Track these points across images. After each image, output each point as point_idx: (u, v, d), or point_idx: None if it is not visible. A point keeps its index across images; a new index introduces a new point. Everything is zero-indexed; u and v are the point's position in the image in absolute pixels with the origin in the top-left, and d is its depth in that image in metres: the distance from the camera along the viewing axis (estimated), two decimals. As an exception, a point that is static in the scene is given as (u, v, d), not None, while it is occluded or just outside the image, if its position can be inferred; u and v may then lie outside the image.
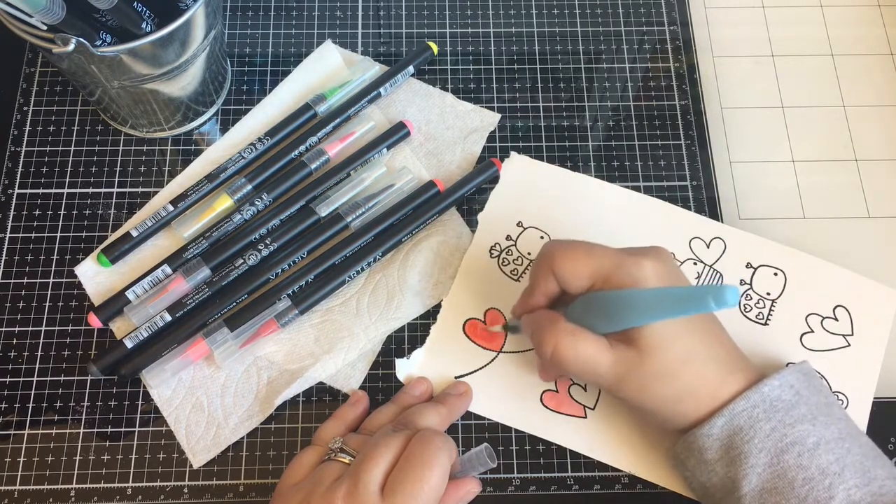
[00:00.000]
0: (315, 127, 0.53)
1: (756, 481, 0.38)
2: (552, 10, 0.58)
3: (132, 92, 0.48)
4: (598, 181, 0.52)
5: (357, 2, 0.58)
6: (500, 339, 0.48)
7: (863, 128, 0.55)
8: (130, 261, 0.50)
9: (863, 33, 0.58)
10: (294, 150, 0.52)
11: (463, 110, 0.55)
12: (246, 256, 0.48)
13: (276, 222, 0.50)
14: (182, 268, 0.48)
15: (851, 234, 0.52)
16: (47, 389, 0.47)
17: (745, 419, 0.39)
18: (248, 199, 0.51)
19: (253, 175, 0.51)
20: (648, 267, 0.39)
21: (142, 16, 0.47)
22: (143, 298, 0.48)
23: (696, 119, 0.55)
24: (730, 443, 0.39)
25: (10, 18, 0.43)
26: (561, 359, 0.39)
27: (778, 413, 0.39)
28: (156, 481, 0.45)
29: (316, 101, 0.53)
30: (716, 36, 0.58)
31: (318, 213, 0.50)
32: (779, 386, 0.39)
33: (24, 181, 0.52)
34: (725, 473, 0.39)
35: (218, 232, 0.49)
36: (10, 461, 0.45)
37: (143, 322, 0.47)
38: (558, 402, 0.47)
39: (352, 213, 0.50)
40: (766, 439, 0.38)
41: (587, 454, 0.46)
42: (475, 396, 0.47)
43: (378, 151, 0.52)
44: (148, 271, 0.49)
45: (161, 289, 0.48)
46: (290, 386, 0.46)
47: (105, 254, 0.49)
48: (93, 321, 0.47)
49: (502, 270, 0.50)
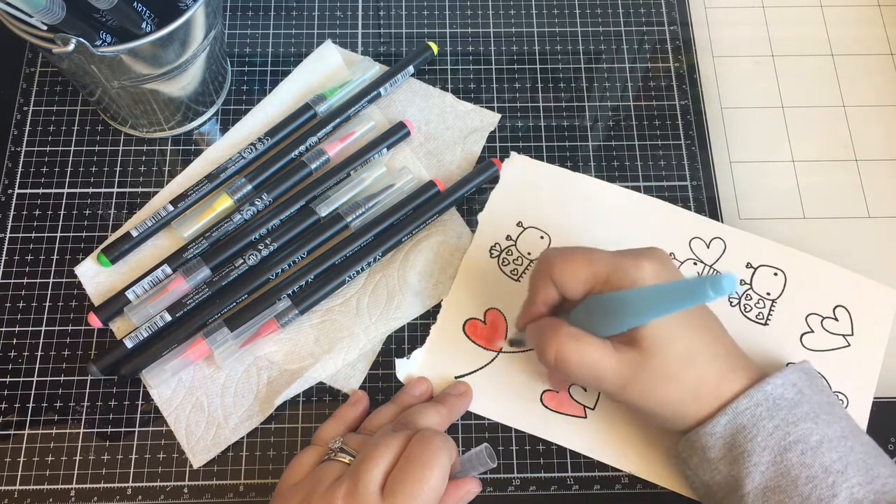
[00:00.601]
0: (315, 127, 0.53)
1: (759, 479, 0.38)
2: (552, 10, 0.58)
3: (132, 92, 0.48)
4: (598, 181, 0.52)
5: (357, 2, 0.58)
6: (501, 338, 0.48)
7: (863, 128, 0.55)
8: (130, 261, 0.50)
9: (863, 33, 0.58)
10: (294, 150, 0.52)
11: (463, 110, 0.55)
12: (246, 256, 0.48)
13: (276, 222, 0.50)
14: (182, 268, 0.48)
15: (851, 234, 0.52)
16: (47, 389, 0.47)
17: (748, 417, 0.39)
18: (248, 199, 0.51)
19: (253, 175, 0.51)
20: (647, 268, 0.39)
21: (142, 16, 0.47)
22: (143, 298, 0.48)
23: (696, 119, 0.55)
24: (733, 441, 0.39)
25: (10, 18, 0.43)
26: (564, 363, 0.39)
27: (781, 411, 0.39)
28: (156, 481, 0.45)
29: (316, 101, 0.53)
30: (716, 36, 0.58)
31: (318, 213, 0.50)
32: (781, 384, 0.39)
33: (24, 181, 0.52)
34: (728, 472, 0.39)
35: (218, 232, 0.49)
36: (10, 461, 0.45)
37: (143, 322, 0.47)
38: (558, 402, 0.47)
39: (352, 213, 0.50)
40: (770, 437, 0.38)
41: (587, 454, 0.46)
42: (475, 396, 0.47)
43: (378, 151, 0.52)
44: (148, 271, 0.49)
45: (161, 289, 0.48)
46: (290, 386, 0.46)
47: (105, 254, 0.49)
48: (93, 321, 0.47)
49: (502, 270, 0.50)
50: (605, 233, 0.51)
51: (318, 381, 0.47)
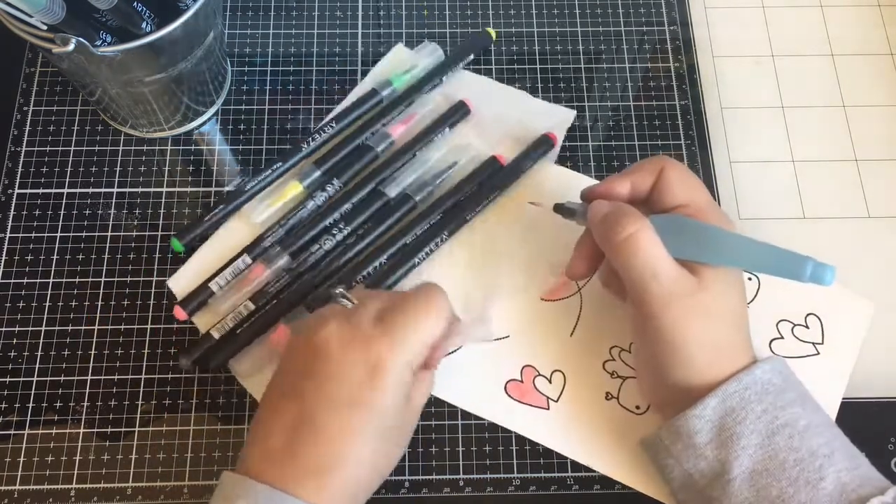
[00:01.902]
0: (382, 112, 0.53)
1: (747, 463, 0.38)
2: (552, 10, 0.58)
3: (132, 92, 0.48)
4: (584, 177, 0.53)
5: (357, 2, 0.58)
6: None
7: (863, 128, 0.55)
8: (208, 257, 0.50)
9: (863, 33, 0.58)
10: (361, 136, 0.53)
11: (537, 108, 0.55)
12: (321, 241, 0.49)
13: (348, 206, 0.51)
14: (262, 256, 0.49)
15: (851, 234, 0.52)
16: (47, 389, 0.47)
17: (737, 400, 0.39)
18: (318, 184, 0.51)
19: (322, 161, 0.52)
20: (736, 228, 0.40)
21: (142, 16, 0.47)
22: (226, 290, 0.48)
23: (696, 119, 0.55)
24: (721, 424, 0.39)
25: (10, 18, 0.43)
26: (634, 245, 0.39)
27: (769, 395, 0.39)
28: (156, 481, 0.45)
29: (382, 87, 0.54)
30: (716, 36, 0.58)
31: (388, 195, 0.51)
32: (770, 370, 0.40)
33: (24, 181, 0.52)
34: (715, 456, 0.39)
35: (294, 219, 0.50)
36: (10, 461, 0.45)
37: (227, 313, 0.47)
38: (522, 391, 0.47)
39: (419, 191, 0.51)
40: (758, 421, 0.38)
41: (548, 446, 0.46)
42: (443, 382, 0.46)
43: (440, 131, 0.53)
44: (229, 261, 0.49)
45: (242, 278, 0.48)
46: None
47: (178, 238, 0.49)
48: (179, 314, 0.47)
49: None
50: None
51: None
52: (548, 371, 0.48)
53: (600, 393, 0.47)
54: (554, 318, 0.49)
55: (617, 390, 0.47)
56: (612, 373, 0.48)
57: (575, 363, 0.48)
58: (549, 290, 0.49)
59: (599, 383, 0.47)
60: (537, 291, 0.49)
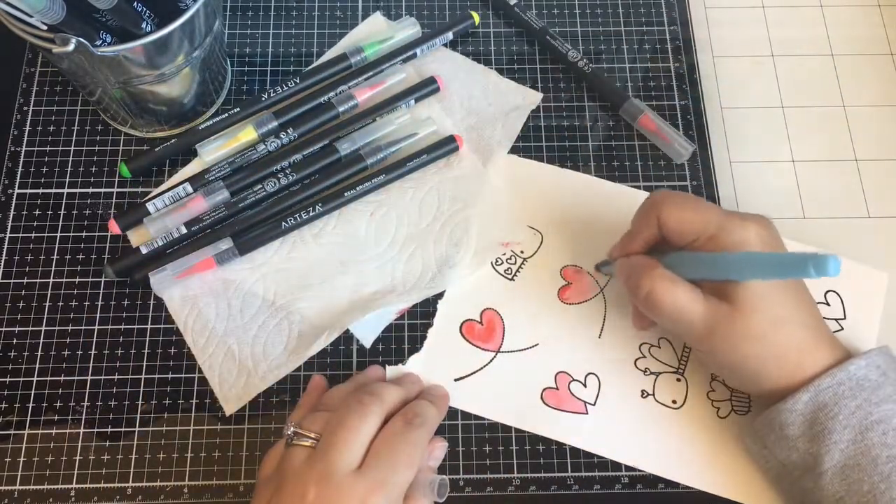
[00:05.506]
0: (348, 77, 0.54)
1: (839, 457, 0.38)
2: (552, 10, 0.58)
3: (132, 92, 0.48)
4: (588, 177, 0.53)
5: (357, 2, 0.58)
6: (499, 338, 0.48)
7: (863, 128, 0.55)
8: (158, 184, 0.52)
9: (863, 33, 0.58)
10: (324, 96, 0.53)
11: (506, 87, 0.55)
12: (265, 183, 0.50)
13: (299, 157, 0.51)
14: (203, 188, 0.50)
15: (851, 234, 0.52)
16: (47, 389, 0.47)
17: (829, 395, 0.39)
18: (272, 133, 0.52)
19: (280, 112, 0.53)
20: (753, 231, 0.40)
21: (142, 16, 0.47)
22: (163, 212, 0.50)
23: (696, 119, 0.55)
24: (813, 418, 0.39)
25: (10, 18, 0.43)
26: (656, 302, 0.40)
27: (864, 391, 0.39)
28: (156, 481, 0.45)
29: (353, 53, 0.54)
30: (716, 36, 0.58)
31: (340, 151, 0.51)
32: (865, 365, 0.40)
33: (24, 181, 0.52)
34: (807, 449, 0.39)
35: (241, 159, 0.51)
36: (10, 461, 0.45)
37: (159, 234, 0.49)
38: (559, 399, 0.47)
39: (372, 155, 0.51)
40: (851, 416, 0.38)
41: (589, 450, 0.46)
42: (476, 398, 0.47)
43: (406, 102, 0.53)
44: (169, 187, 0.51)
45: (181, 205, 0.50)
46: (318, 339, 0.47)
47: (127, 164, 0.51)
48: (112, 227, 0.49)
49: (496, 270, 0.50)
50: (603, 231, 0.50)
51: (345, 328, 0.48)
52: (581, 375, 0.48)
53: (636, 391, 0.47)
54: (580, 321, 0.49)
55: (652, 387, 0.47)
56: (645, 370, 0.48)
57: (607, 364, 0.48)
58: (569, 292, 0.50)
59: (634, 382, 0.48)
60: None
